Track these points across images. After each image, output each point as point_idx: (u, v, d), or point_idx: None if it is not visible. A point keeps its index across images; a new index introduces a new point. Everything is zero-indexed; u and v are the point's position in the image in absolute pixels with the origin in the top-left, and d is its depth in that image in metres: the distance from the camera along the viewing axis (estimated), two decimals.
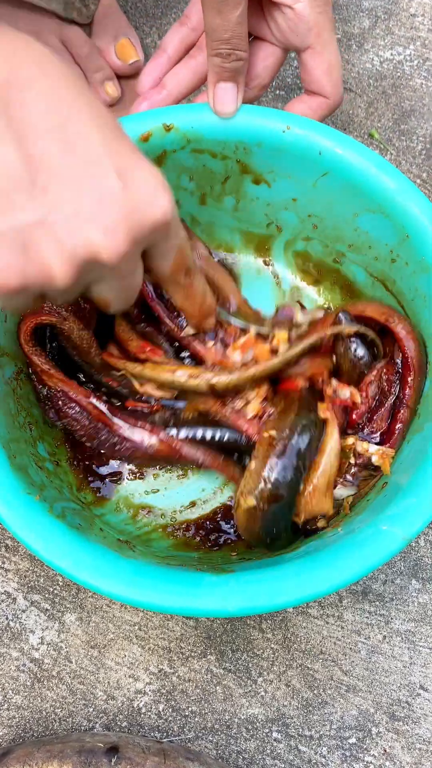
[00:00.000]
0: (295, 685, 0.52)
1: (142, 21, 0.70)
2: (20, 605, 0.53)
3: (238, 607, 0.36)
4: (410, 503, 0.39)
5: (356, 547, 0.38)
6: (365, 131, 0.67)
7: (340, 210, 0.50)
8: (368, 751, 0.51)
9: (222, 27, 0.45)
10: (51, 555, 0.38)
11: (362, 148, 0.47)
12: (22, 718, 0.51)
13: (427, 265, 0.45)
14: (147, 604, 0.36)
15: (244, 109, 0.48)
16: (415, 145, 0.67)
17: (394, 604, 0.54)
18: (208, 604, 0.36)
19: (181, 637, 0.53)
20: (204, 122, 0.49)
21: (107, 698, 0.51)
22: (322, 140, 0.47)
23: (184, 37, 0.52)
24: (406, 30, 0.71)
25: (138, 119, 0.48)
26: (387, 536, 0.38)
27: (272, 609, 0.36)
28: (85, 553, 0.38)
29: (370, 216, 0.48)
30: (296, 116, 0.48)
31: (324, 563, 0.37)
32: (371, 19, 0.71)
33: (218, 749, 0.51)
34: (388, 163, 0.47)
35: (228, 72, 0.47)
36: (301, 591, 0.36)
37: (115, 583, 0.37)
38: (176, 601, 0.36)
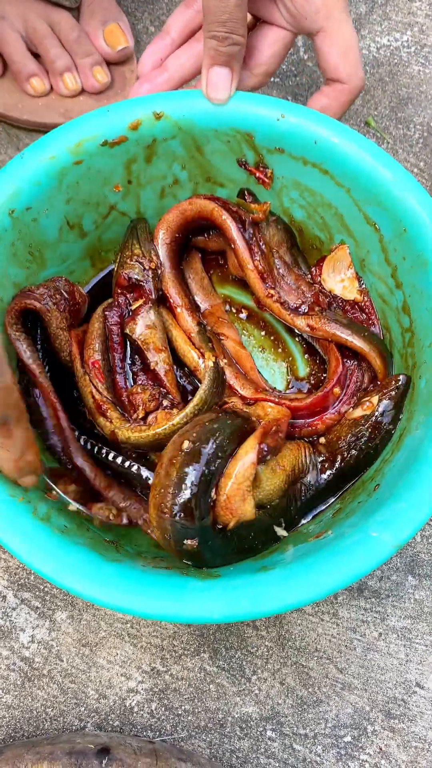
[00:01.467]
0: (289, 683, 0.51)
1: (134, 6, 0.69)
2: (10, 603, 0.52)
3: (222, 615, 0.35)
4: (400, 508, 0.37)
5: (344, 554, 0.36)
6: (362, 119, 0.66)
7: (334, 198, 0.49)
8: (364, 749, 0.50)
9: (219, 8, 0.43)
10: (33, 559, 0.37)
11: (358, 136, 0.46)
12: (12, 718, 0.50)
13: (425, 260, 0.44)
14: (129, 610, 0.35)
15: (237, 97, 0.47)
16: (412, 134, 0.65)
17: (390, 600, 0.53)
18: (191, 611, 0.35)
19: (174, 635, 0.52)
20: (196, 110, 0.47)
21: (99, 697, 0.51)
22: (318, 129, 0.46)
23: (189, 20, 0.50)
24: (404, 15, 0.69)
25: (127, 107, 0.47)
26: (376, 543, 0.37)
27: (257, 616, 0.35)
28: (69, 557, 0.37)
29: (367, 208, 0.47)
30: (291, 104, 0.46)
31: (311, 570, 0.36)
32: (368, 5, 0.69)
33: (211, 748, 0.50)
34: (386, 153, 0.45)
35: (223, 56, 0.45)
36: (287, 598, 0.35)
37: (98, 589, 0.36)
38: (159, 607, 0.35)
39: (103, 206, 0.50)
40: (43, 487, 0.44)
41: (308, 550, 0.39)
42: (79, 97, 0.63)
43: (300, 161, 0.48)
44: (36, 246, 0.48)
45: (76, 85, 0.62)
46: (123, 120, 0.47)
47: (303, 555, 0.38)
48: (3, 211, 0.44)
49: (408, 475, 0.39)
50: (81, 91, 0.63)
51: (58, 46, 0.61)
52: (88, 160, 0.47)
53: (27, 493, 0.40)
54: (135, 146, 0.48)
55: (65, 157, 0.46)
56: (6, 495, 0.38)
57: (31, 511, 0.38)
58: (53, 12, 0.61)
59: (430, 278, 0.44)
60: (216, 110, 0.47)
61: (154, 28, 0.68)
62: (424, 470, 0.38)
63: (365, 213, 0.47)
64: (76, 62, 0.62)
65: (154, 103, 0.47)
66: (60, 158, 0.46)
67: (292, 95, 0.66)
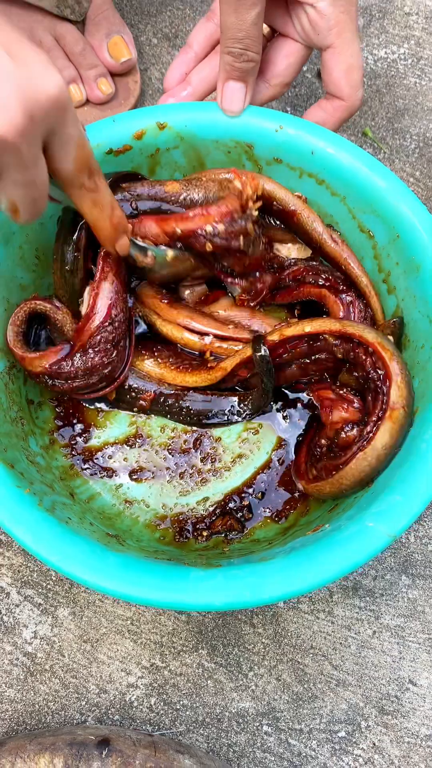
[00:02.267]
0: (285, 680, 0.53)
1: (137, 19, 0.70)
2: (14, 600, 0.53)
3: (224, 602, 0.36)
4: (396, 501, 0.39)
5: (342, 544, 0.38)
6: (359, 129, 0.67)
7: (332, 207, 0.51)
8: (357, 744, 0.52)
9: (236, 26, 0.45)
10: (39, 548, 0.38)
11: (354, 147, 0.47)
12: (15, 711, 0.51)
13: (417, 265, 0.45)
14: (134, 597, 0.37)
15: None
16: (409, 144, 0.67)
17: (384, 599, 0.54)
18: (194, 598, 0.37)
19: (173, 631, 0.53)
20: (197, 121, 0.49)
21: (99, 692, 0.52)
22: (315, 140, 0.48)
23: (210, 34, 0.52)
24: (401, 29, 0.71)
25: (132, 117, 0.49)
26: (372, 533, 0.38)
27: (258, 604, 0.37)
28: (74, 546, 0.38)
29: (362, 216, 0.49)
30: (288, 116, 0.48)
31: (310, 559, 0.38)
32: (366, 18, 0.71)
33: (209, 742, 0.51)
34: (380, 163, 0.47)
35: (238, 71, 0.47)
36: (286, 586, 0.37)
37: (103, 577, 0.37)
38: (163, 595, 0.37)
39: None
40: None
41: (306, 541, 0.41)
42: (84, 108, 0.65)
43: (297, 171, 0.49)
44: (42, 249, 0.49)
45: (81, 96, 0.64)
46: (128, 129, 0.48)
47: (301, 546, 0.40)
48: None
49: (402, 469, 0.40)
50: (86, 101, 0.64)
51: (64, 58, 0.63)
52: None
53: (32, 485, 0.42)
54: (139, 155, 0.49)
55: None
56: (13, 487, 0.40)
57: (36, 503, 0.40)
58: (59, 25, 0.63)
59: (422, 282, 0.45)
60: (217, 121, 0.49)
61: (156, 40, 0.70)
62: (418, 465, 0.40)
63: (360, 221, 0.49)
64: (81, 74, 0.63)
65: (157, 114, 0.49)
66: None
67: (291, 106, 0.68)
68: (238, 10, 0.44)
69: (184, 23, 0.70)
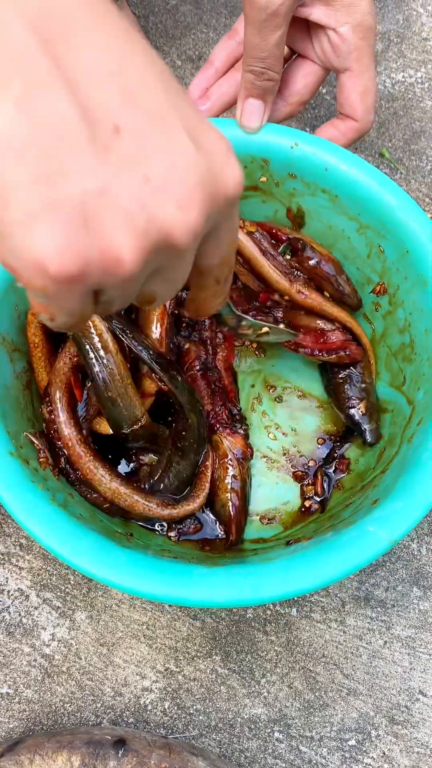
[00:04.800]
0: (297, 687, 0.53)
1: (162, 41, 0.73)
2: (33, 602, 0.55)
3: (226, 599, 0.37)
4: (397, 507, 0.40)
5: (343, 547, 0.39)
6: (376, 150, 0.69)
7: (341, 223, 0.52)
8: (367, 753, 0.52)
9: (259, 46, 0.47)
10: (51, 541, 0.39)
11: (366, 165, 0.49)
12: (32, 712, 0.53)
13: (425, 280, 0.47)
14: (138, 591, 0.38)
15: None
16: (425, 165, 0.69)
17: (395, 610, 0.55)
18: (197, 594, 0.38)
19: (188, 637, 0.54)
20: None
21: (115, 695, 0.53)
22: (328, 157, 0.49)
23: (231, 51, 0.54)
24: (418, 53, 0.73)
25: None
26: (373, 538, 0.39)
27: (259, 602, 0.38)
28: (84, 540, 0.39)
29: (372, 231, 0.50)
30: (304, 133, 0.50)
31: (311, 561, 0.39)
32: (384, 43, 0.73)
33: (221, 747, 0.52)
34: (391, 180, 0.49)
35: (258, 90, 0.49)
36: (287, 586, 0.38)
37: (110, 570, 0.38)
38: (166, 590, 0.38)
39: None
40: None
41: (308, 544, 0.42)
42: None
43: (312, 187, 0.51)
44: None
45: None
46: None
47: (303, 547, 0.41)
48: None
49: (405, 477, 0.41)
50: None
51: None
52: None
53: (46, 482, 0.43)
54: None
55: None
56: (28, 482, 0.41)
57: (49, 498, 0.41)
58: None
59: (429, 297, 0.47)
60: (234, 137, 0.50)
61: (180, 62, 0.72)
62: (420, 473, 0.41)
63: (370, 236, 0.50)
64: None
65: None
66: None
67: (310, 127, 0.70)
68: (262, 31, 0.46)
69: (208, 46, 0.73)
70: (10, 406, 0.45)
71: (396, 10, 0.74)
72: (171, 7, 0.74)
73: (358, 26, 0.48)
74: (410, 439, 0.45)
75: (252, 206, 0.55)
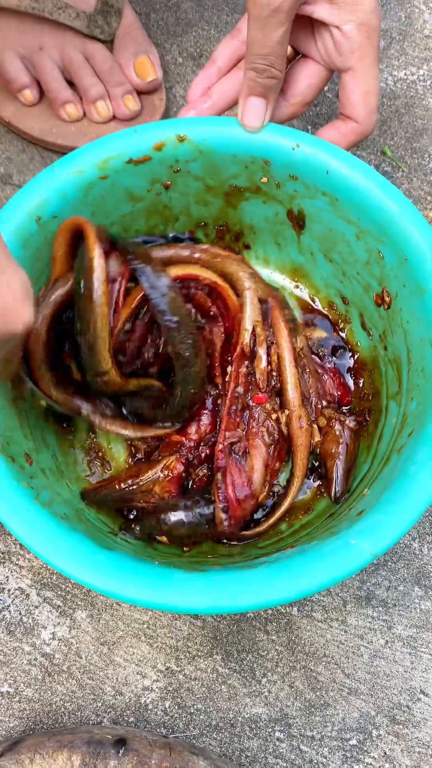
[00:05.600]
0: (298, 687, 0.53)
1: (163, 39, 0.72)
2: (33, 601, 0.55)
3: (205, 606, 0.37)
4: (380, 520, 0.39)
5: (324, 558, 0.38)
6: (378, 148, 0.69)
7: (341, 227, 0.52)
8: (369, 753, 0.52)
9: (262, 43, 0.46)
10: (32, 541, 0.39)
11: (368, 169, 0.48)
12: (32, 711, 0.52)
13: (422, 288, 0.46)
14: (118, 595, 0.38)
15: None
16: (427, 163, 0.68)
17: (396, 610, 0.55)
18: (176, 600, 0.37)
19: (189, 636, 0.54)
20: (216, 135, 0.50)
21: (115, 694, 0.53)
22: (330, 159, 0.49)
23: (234, 50, 0.53)
24: (420, 51, 0.72)
25: (153, 128, 0.50)
26: (354, 550, 0.38)
27: (239, 610, 0.37)
28: (65, 541, 0.39)
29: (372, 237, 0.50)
30: (306, 134, 0.50)
31: (291, 570, 0.38)
32: (386, 40, 0.73)
33: (222, 747, 0.52)
34: (392, 186, 0.48)
35: (260, 87, 0.49)
36: (266, 595, 0.37)
37: (89, 573, 0.38)
38: (145, 594, 0.38)
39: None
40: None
41: (290, 553, 0.41)
42: (111, 124, 0.67)
43: (312, 189, 0.51)
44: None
45: (108, 112, 0.66)
46: (148, 140, 0.50)
47: (285, 557, 0.40)
48: (31, 217, 0.48)
49: (390, 490, 0.41)
50: (112, 117, 0.66)
51: (93, 75, 0.65)
52: (113, 176, 0.50)
53: (32, 480, 0.43)
54: (158, 166, 0.51)
55: (92, 171, 0.49)
56: (12, 481, 0.41)
57: (33, 497, 0.41)
58: (88, 44, 0.65)
59: (426, 306, 0.46)
60: (235, 137, 0.50)
61: (182, 59, 0.72)
62: (406, 486, 0.40)
63: (370, 241, 0.50)
64: (109, 91, 0.65)
65: (177, 126, 0.50)
66: (87, 173, 0.49)
67: (312, 124, 0.70)
68: (265, 28, 0.46)
69: (209, 43, 0.72)
70: (4, 399, 0.45)
71: (398, 7, 0.74)
72: (172, 4, 0.74)
73: (362, 25, 0.48)
74: (400, 449, 0.45)
75: (253, 207, 0.55)
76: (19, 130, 0.67)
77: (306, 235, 0.55)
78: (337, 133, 0.52)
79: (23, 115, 0.67)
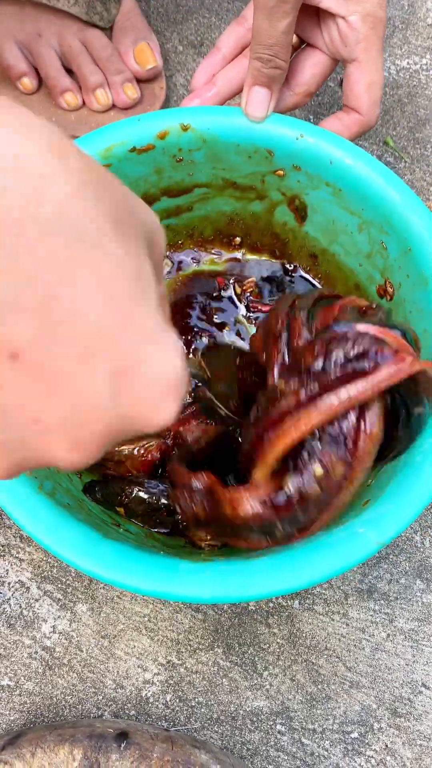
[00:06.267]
0: (299, 680, 0.53)
1: (163, 26, 0.71)
2: (33, 594, 0.54)
3: (212, 596, 0.37)
4: (387, 509, 0.39)
5: (331, 547, 0.38)
6: (380, 139, 0.68)
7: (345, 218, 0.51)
8: (370, 745, 0.52)
9: (268, 32, 0.46)
10: (36, 530, 0.39)
11: (371, 159, 0.48)
12: (33, 704, 0.52)
13: (425, 278, 0.46)
14: (124, 584, 0.37)
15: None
16: (429, 153, 0.68)
17: (398, 603, 0.55)
18: (182, 590, 0.37)
19: (190, 629, 0.54)
20: (220, 125, 0.50)
21: (116, 687, 0.53)
22: (333, 150, 0.48)
23: (239, 37, 0.53)
24: (423, 40, 0.72)
25: (157, 117, 0.49)
26: (361, 539, 0.38)
27: (245, 599, 0.37)
28: (69, 531, 0.39)
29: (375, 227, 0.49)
30: (309, 125, 0.49)
31: (298, 560, 0.38)
32: (389, 29, 0.72)
33: (223, 740, 0.52)
34: (396, 176, 0.48)
35: (265, 77, 0.48)
36: (273, 585, 0.37)
37: (94, 562, 0.38)
38: (151, 584, 0.37)
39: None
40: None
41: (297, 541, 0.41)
42: (110, 112, 0.66)
43: (315, 179, 0.50)
44: None
45: (108, 101, 0.65)
46: (151, 129, 0.49)
47: (292, 545, 0.40)
48: None
49: (397, 479, 0.40)
50: (112, 106, 0.66)
51: (92, 63, 0.64)
52: (116, 164, 0.49)
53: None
54: (162, 155, 0.50)
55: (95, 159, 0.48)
56: None
57: (37, 486, 0.41)
58: (87, 31, 0.64)
59: (430, 296, 0.46)
60: (239, 126, 0.50)
61: (182, 47, 0.71)
62: (412, 475, 0.40)
63: (373, 232, 0.50)
64: (108, 79, 0.65)
65: (181, 115, 0.49)
66: None
67: (314, 114, 0.69)
68: (271, 18, 0.45)
69: (210, 31, 0.72)
70: None
71: None
72: None
73: (368, 16, 0.48)
74: None
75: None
76: None
77: (309, 226, 0.54)
78: (340, 124, 0.52)
79: (22, 103, 0.66)
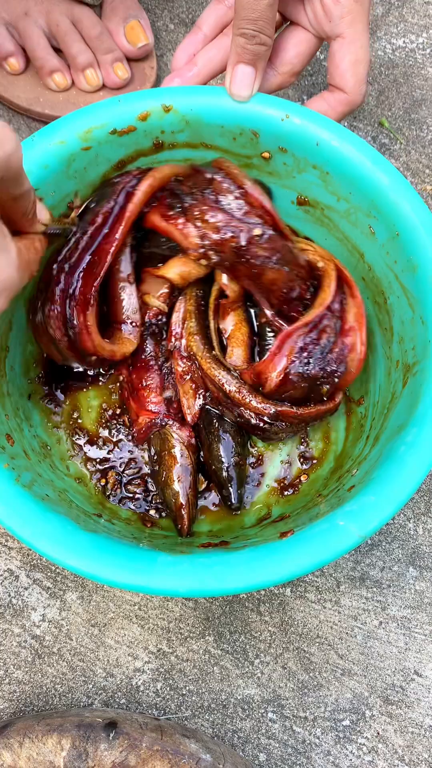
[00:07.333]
0: (291, 668, 0.53)
1: (154, 3, 0.70)
2: (23, 583, 0.54)
3: (189, 589, 0.36)
4: (369, 501, 0.38)
5: (312, 540, 0.37)
6: (375, 120, 0.67)
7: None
8: (362, 733, 0.52)
9: (251, 6, 0.44)
10: (12, 522, 0.38)
11: (359, 141, 0.47)
12: (22, 693, 0.52)
13: (414, 264, 0.45)
14: (100, 577, 0.37)
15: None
16: (425, 135, 0.66)
17: (391, 590, 0.55)
18: (159, 583, 0.36)
19: (180, 617, 0.53)
20: (203, 105, 0.48)
21: (106, 675, 0.52)
22: (320, 131, 0.47)
23: (220, 16, 0.51)
24: (420, 18, 0.70)
25: (138, 98, 0.48)
26: (342, 532, 0.37)
27: (222, 593, 0.36)
28: (46, 523, 0.38)
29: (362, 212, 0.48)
30: (295, 105, 0.48)
31: (278, 552, 0.37)
32: (385, 6, 0.70)
33: (214, 728, 0.52)
34: (384, 158, 0.46)
35: (249, 54, 0.47)
36: (251, 578, 0.36)
37: (71, 555, 0.37)
38: (128, 577, 0.37)
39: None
40: None
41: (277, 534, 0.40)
42: (100, 93, 0.64)
43: (302, 161, 0.49)
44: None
45: (98, 81, 0.63)
46: (133, 110, 0.48)
47: (272, 538, 0.39)
48: None
49: (380, 471, 0.40)
50: (102, 86, 0.64)
51: (81, 42, 0.63)
52: (96, 147, 0.48)
53: (13, 460, 0.42)
54: (143, 137, 0.49)
55: (74, 142, 0.47)
56: None
57: (14, 478, 0.40)
58: (76, 9, 0.62)
59: (418, 282, 0.45)
60: (223, 107, 0.48)
61: (173, 26, 0.70)
62: (395, 467, 0.39)
63: (360, 216, 0.48)
64: (98, 58, 0.63)
65: (163, 96, 0.48)
66: (69, 143, 0.47)
67: (307, 94, 0.68)
68: None
69: (201, 9, 0.70)
70: None
71: None
72: None
73: None
74: (390, 430, 0.44)
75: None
76: (6, 99, 0.65)
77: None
78: (325, 104, 0.50)
79: (9, 84, 0.64)
